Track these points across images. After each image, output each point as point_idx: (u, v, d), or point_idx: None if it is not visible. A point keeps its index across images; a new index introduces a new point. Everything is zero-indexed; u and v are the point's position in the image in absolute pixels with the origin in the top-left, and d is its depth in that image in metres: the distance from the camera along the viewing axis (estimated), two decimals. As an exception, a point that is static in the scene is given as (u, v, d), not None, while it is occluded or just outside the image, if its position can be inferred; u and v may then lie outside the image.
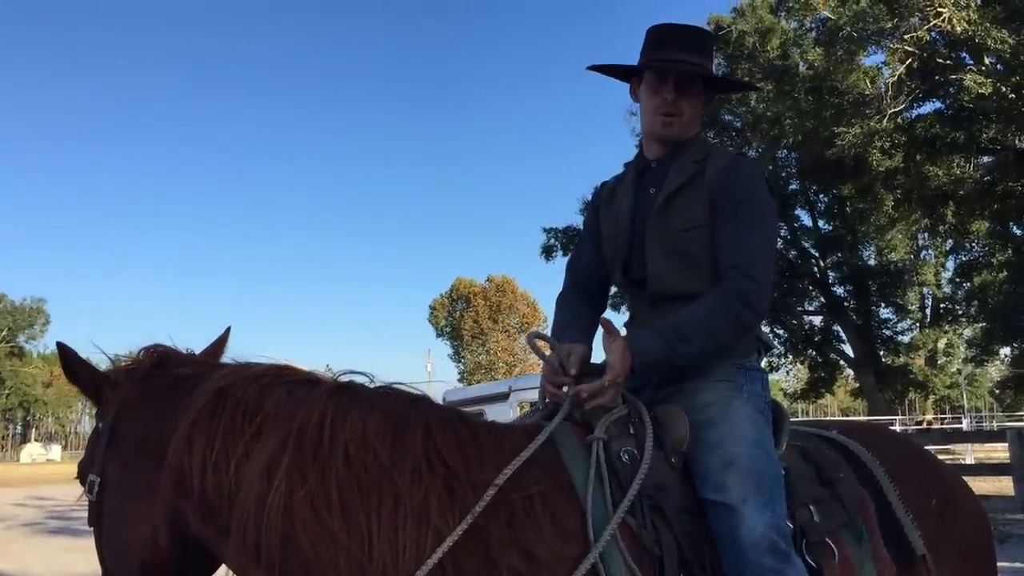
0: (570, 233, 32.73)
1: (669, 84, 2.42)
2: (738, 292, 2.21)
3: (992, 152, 24.69)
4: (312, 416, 1.93)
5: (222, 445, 1.92)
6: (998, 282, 27.94)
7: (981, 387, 54.43)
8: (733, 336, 2.24)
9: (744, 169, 2.40)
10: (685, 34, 2.50)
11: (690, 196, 2.36)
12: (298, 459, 1.89)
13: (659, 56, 2.44)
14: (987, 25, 21.15)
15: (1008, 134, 23.30)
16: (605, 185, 2.69)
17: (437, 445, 1.95)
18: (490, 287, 67.84)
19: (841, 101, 24.09)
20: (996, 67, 22.32)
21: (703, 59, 2.45)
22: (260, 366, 2.09)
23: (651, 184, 2.48)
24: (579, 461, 2.03)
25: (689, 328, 2.18)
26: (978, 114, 23.16)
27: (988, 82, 21.29)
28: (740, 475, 2.04)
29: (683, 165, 2.42)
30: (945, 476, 2.61)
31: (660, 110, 2.43)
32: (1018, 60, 21.16)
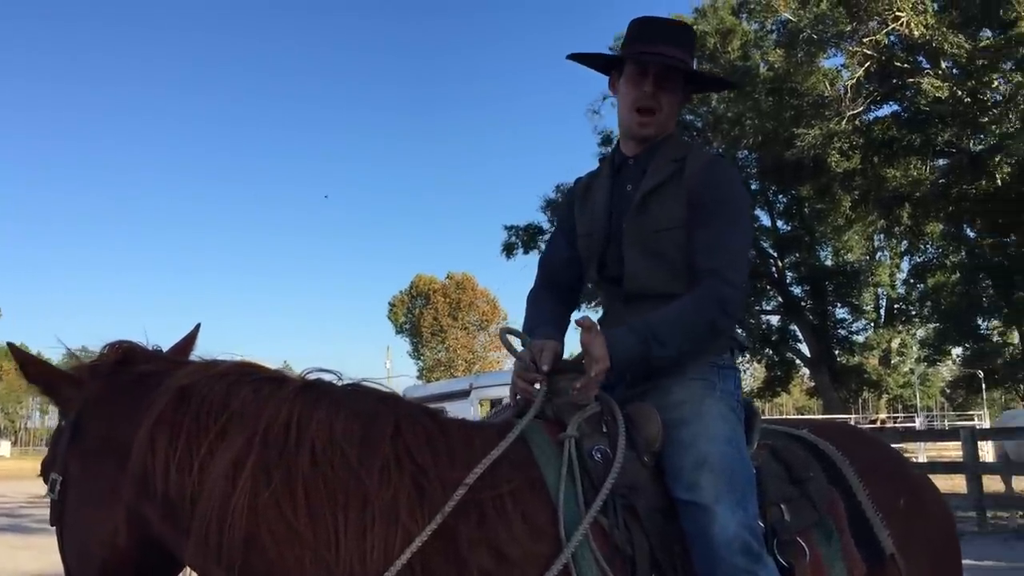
0: (531, 231, 32.80)
1: (649, 77, 2.38)
2: (715, 296, 2.19)
3: (947, 155, 25.12)
4: (278, 415, 1.89)
5: (186, 444, 1.87)
6: (951, 283, 28.46)
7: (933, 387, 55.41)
8: (708, 339, 2.23)
9: (722, 171, 2.38)
10: (667, 28, 2.47)
11: (668, 195, 2.33)
12: (264, 459, 1.84)
13: (640, 48, 2.41)
14: (944, 30, 21.53)
15: (963, 137, 23.74)
16: (580, 181, 2.65)
17: (406, 443, 1.91)
18: (450, 284, 67.72)
19: (801, 102, 24.38)
20: (952, 71, 22.71)
21: (685, 54, 2.42)
22: (225, 364, 2.04)
23: (628, 181, 2.44)
24: (551, 459, 1.99)
25: (665, 329, 2.16)
26: (934, 117, 23.55)
27: (945, 86, 21.66)
28: (713, 474, 2.02)
29: (661, 163, 2.39)
30: (913, 476, 2.61)
31: (639, 103, 2.40)
32: (973, 65, 21.56)
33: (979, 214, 25.86)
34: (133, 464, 1.88)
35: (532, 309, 2.55)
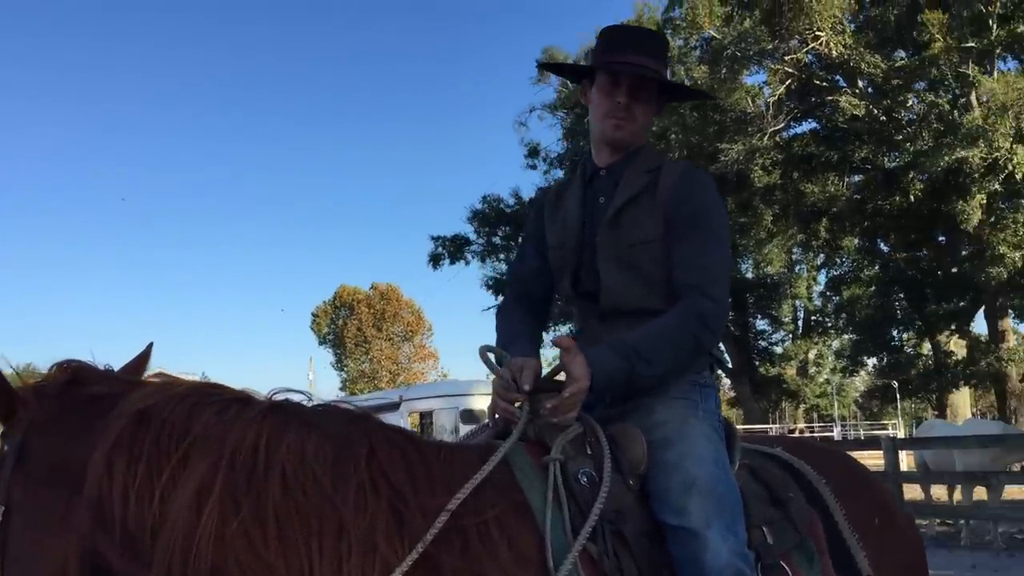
0: (457, 242, 32.74)
1: (622, 87, 2.32)
2: (698, 313, 2.14)
3: (863, 172, 25.92)
4: (245, 438, 1.76)
5: (146, 471, 1.73)
6: (866, 296, 29.28)
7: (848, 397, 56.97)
8: (692, 357, 2.18)
9: (699, 182, 2.32)
10: (640, 37, 2.42)
11: (642, 208, 2.27)
12: (231, 485, 1.72)
13: (613, 58, 2.34)
14: (861, 50, 22.23)
15: (879, 155, 24.53)
16: (549, 190, 2.58)
17: (383, 467, 1.81)
18: (374, 295, 67.07)
19: (724, 118, 24.86)
20: (868, 91, 23.45)
21: (658, 64, 2.36)
22: (186, 384, 1.91)
23: (600, 192, 2.38)
24: (536, 483, 1.91)
25: (648, 347, 2.10)
26: (851, 135, 24.27)
27: (861, 104, 22.36)
28: (702, 498, 1.96)
29: (634, 175, 2.33)
30: (884, 493, 2.61)
31: (612, 114, 2.34)
32: (889, 84, 22.29)
33: (893, 229, 26.74)
34: (88, 491, 1.73)
35: (504, 323, 2.47)
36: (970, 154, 19.81)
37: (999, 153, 19.51)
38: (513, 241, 31.85)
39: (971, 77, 20.64)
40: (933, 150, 20.69)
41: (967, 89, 21.19)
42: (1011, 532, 11.67)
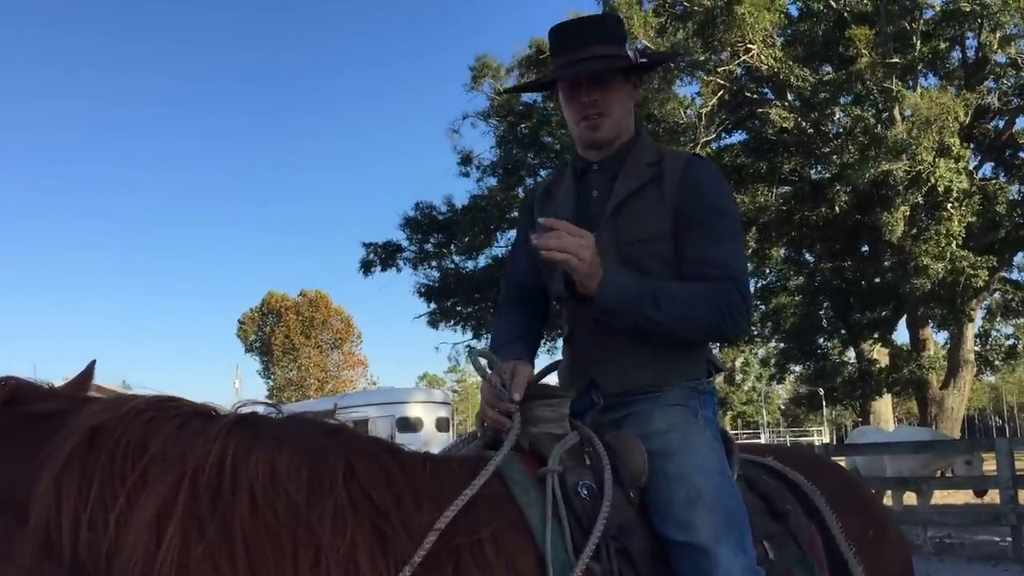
0: (390, 248, 32.34)
1: (584, 86, 2.21)
2: (729, 299, 2.04)
3: (790, 183, 26.38)
4: (209, 455, 1.60)
5: (99, 494, 1.56)
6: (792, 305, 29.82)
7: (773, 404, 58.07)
8: (704, 334, 2.09)
9: (709, 174, 2.22)
10: (588, 26, 2.29)
11: (646, 203, 2.16)
12: (194, 507, 1.55)
13: (565, 60, 2.23)
14: (790, 63, 22.63)
15: (806, 166, 25.00)
16: (538, 187, 2.46)
17: (362, 483, 1.66)
18: (303, 301, 66.10)
19: (657, 128, 25.06)
20: (796, 103, 23.89)
21: (614, 47, 2.24)
22: (142, 398, 1.73)
23: (594, 187, 2.26)
24: (532, 497, 1.78)
25: (667, 298, 2.00)
26: (779, 146, 24.68)
27: (791, 117, 22.75)
28: (708, 511, 1.85)
29: (634, 168, 2.22)
30: (876, 505, 2.55)
31: (582, 115, 2.23)
32: (817, 97, 22.74)
33: (819, 240, 27.28)
34: (35, 519, 1.54)
35: (497, 327, 2.34)
36: (894, 167, 20.31)
37: (922, 167, 20.02)
38: (445, 249, 31.65)
39: (895, 92, 21.18)
40: (859, 163, 21.13)
41: (891, 103, 21.73)
42: (940, 536, 11.91)
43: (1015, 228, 22.12)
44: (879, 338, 25.37)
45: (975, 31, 22.27)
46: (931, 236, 20.72)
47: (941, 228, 20.65)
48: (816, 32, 23.83)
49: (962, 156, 20.47)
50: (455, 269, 31.02)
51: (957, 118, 20.00)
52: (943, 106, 19.77)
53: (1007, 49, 22.24)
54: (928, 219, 22.09)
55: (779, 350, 31.69)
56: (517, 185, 30.21)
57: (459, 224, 29.71)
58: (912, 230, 22.05)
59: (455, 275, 30.56)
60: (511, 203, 29.27)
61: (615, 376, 2.10)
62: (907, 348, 25.20)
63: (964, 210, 20.78)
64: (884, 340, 25.44)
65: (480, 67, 31.06)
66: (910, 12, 22.03)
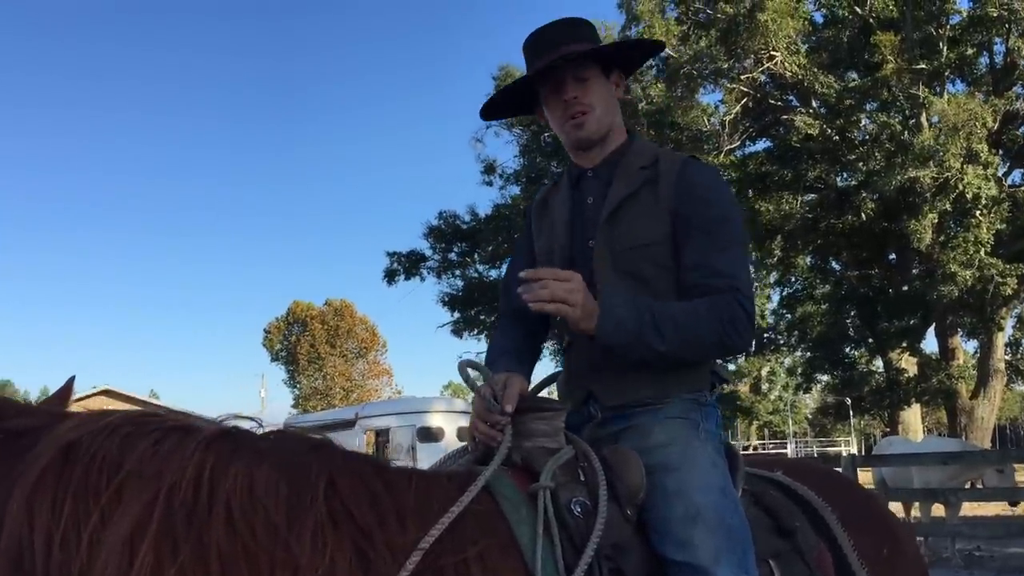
0: (413, 257, 32.42)
1: (564, 84, 2.14)
2: (732, 313, 1.97)
3: (816, 190, 26.16)
4: (186, 471, 1.54)
5: (72, 512, 1.50)
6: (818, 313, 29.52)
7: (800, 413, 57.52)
8: (710, 354, 2.02)
9: (709, 177, 2.14)
10: (559, 29, 2.21)
11: (642, 207, 2.09)
12: (169, 525, 1.50)
13: (541, 63, 2.15)
14: (815, 70, 22.45)
15: (832, 174, 24.78)
16: (536, 196, 2.40)
17: (344, 500, 1.60)
18: (328, 311, 66.36)
19: (680, 136, 24.93)
20: (821, 110, 23.69)
21: (586, 45, 2.17)
22: (119, 414, 1.66)
23: (589, 194, 2.19)
24: (523, 514, 1.71)
25: (669, 324, 1.92)
26: (804, 154, 24.47)
27: (816, 124, 22.55)
28: (708, 530, 1.77)
29: (627, 173, 2.14)
30: (892, 522, 2.44)
31: (567, 115, 2.16)
32: (842, 104, 22.53)
33: (845, 247, 27.01)
34: (6, 539, 1.49)
35: (495, 339, 2.27)
36: (921, 174, 20.05)
37: (950, 173, 19.77)
38: (469, 258, 31.65)
39: (922, 98, 20.94)
40: (885, 170, 20.90)
41: (918, 110, 21.49)
42: (969, 549, 11.69)
43: (1046, 235, 21.77)
44: (907, 347, 25.03)
45: (1003, 36, 21.98)
46: (959, 243, 20.45)
47: (969, 235, 20.37)
48: (841, 38, 23.63)
49: (991, 163, 20.18)
50: (479, 278, 31.02)
51: (985, 124, 19.74)
52: (971, 112, 19.52)
53: (1036, 54, 21.92)
54: (956, 226, 21.82)
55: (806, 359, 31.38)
56: (540, 194, 30.19)
57: (482, 233, 29.73)
58: (940, 237, 21.77)
59: (479, 284, 30.56)
60: (534, 212, 29.27)
61: (613, 388, 2.02)
62: (936, 357, 24.85)
63: (993, 217, 20.49)
64: (912, 349, 25.09)
65: (503, 76, 31.07)
66: (936, 18, 21.80)
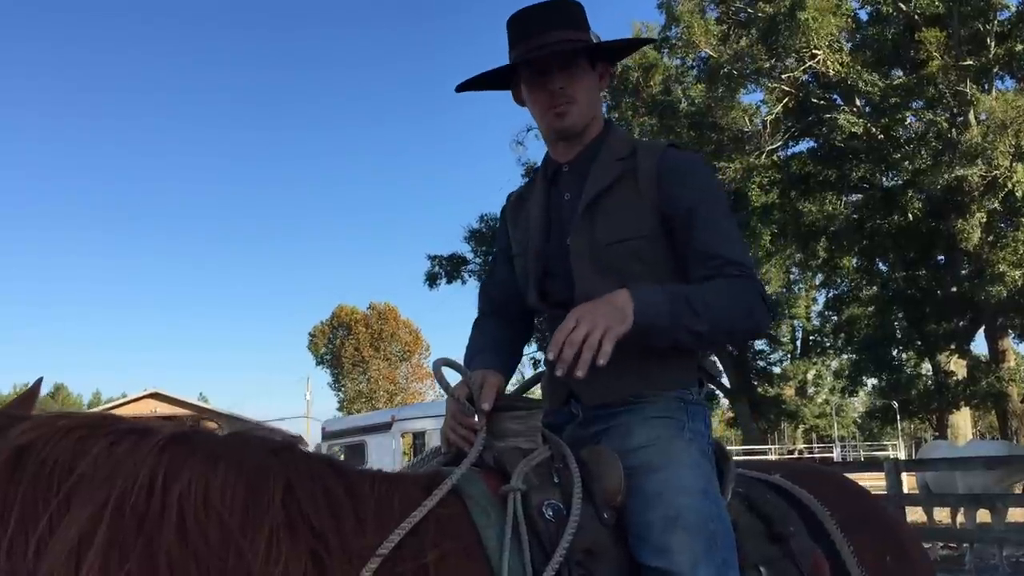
0: (455, 261, 32.53)
1: (550, 73, 2.07)
2: (753, 295, 1.92)
3: (861, 190, 25.75)
4: (138, 476, 1.49)
5: (20, 519, 1.45)
6: (864, 315, 29.05)
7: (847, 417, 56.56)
8: (739, 337, 1.98)
9: (694, 164, 2.08)
10: (548, 12, 2.12)
11: (620, 202, 2.02)
12: (118, 532, 1.45)
13: (529, 46, 2.09)
14: (858, 68, 22.12)
15: (877, 173, 24.37)
16: (512, 195, 2.33)
17: (301, 505, 1.55)
18: (372, 314, 66.81)
19: (721, 137, 24.73)
20: (865, 109, 23.34)
21: (578, 32, 2.10)
22: (76, 416, 1.61)
23: (566, 189, 2.13)
24: (492, 518, 1.65)
25: (702, 305, 1.84)
26: (848, 153, 24.11)
27: (860, 122, 22.22)
28: (688, 534, 1.70)
29: (604, 165, 2.08)
30: (898, 529, 2.33)
31: (550, 105, 2.09)
32: (887, 103, 22.17)
33: (891, 248, 26.53)
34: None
35: (473, 338, 2.21)
36: (969, 172, 19.67)
37: (998, 171, 19.36)
38: (510, 260, 31.65)
39: (969, 95, 20.53)
40: (932, 168, 20.54)
41: (965, 107, 21.08)
42: (1016, 556, 11.38)
43: (1099, 234, 21.19)
44: (956, 349, 24.52)
45: (1054, 31, 21.46)
46: (1009, 243, 20.01)
47: (1019, 234, 19.93)
48: (885, 36, 23.25)
49: (1041, 160, 19.72)
50: (519, 281, 30.97)
51: (1035, 121, 19.27)
52: (1020, 109, 19.08)
53: (1088, 49, 21.37)
54: (1005, 225, 21.35)
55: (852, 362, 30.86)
56: (580, 196, 30.08)
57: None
58: (989, 237, 21.31)
59: (519, 287, 30.52)
60: (575, 214, 29.17)
61: (594, 386, 1.93)
62: (986, 359, 24.29)
63: (1045, 216, 20.01)
64: (961, 351, 24.57)
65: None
66: (984, 13, 21.33)
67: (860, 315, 29.64)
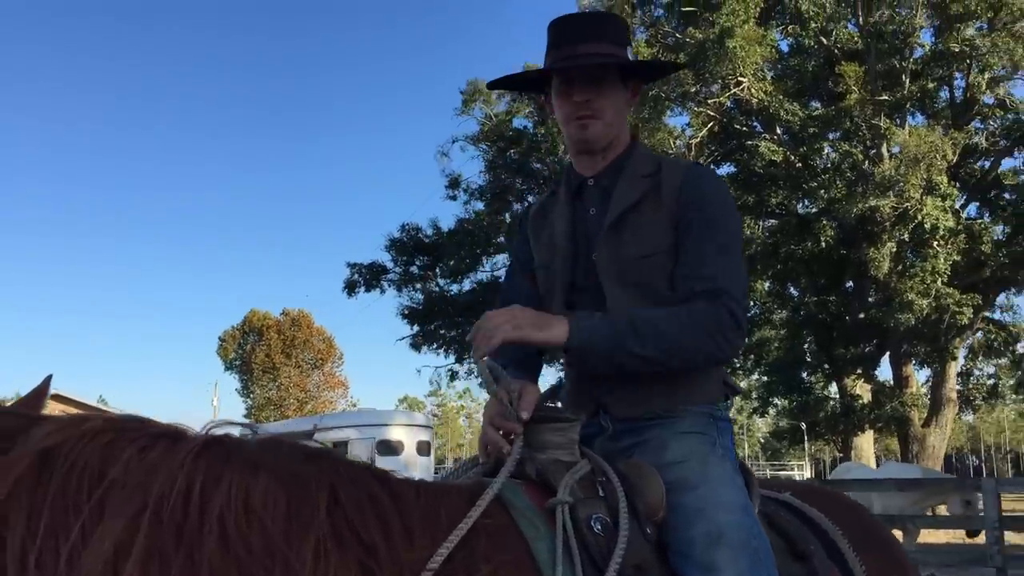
0: (375, 269, 32.20)
1: (578, 84, 2.09)
2: (717, 317, 1.90)
3: (777, 216, 26.43)
4: (175, 482, 1.42)
5: (49, 526, 1.36)
6: (775, 338, 29.79)
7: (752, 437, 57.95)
8: (693, 362, 1.93)
9: (710, 183, 2.10)
10: (590, 23, 2.15)
11: (646, 217, 2.04)
12: (157, 541, 1.37)
13: (560, 54, 2.10)
14: (780, 98, 22.73)
15: (793, 200, 25.06)
16: (532, 207, 2.33)
17: (348, 514, 1.49)
18: (285, 320, 65.69)
19: (646, 157, 25.06)
20: (785, 137, 24.00)
21: (614, 47, 2.11)
22: (100, 419, 1.52)
23: (591, 204, 2.13)
24: (540, 530, 1.62)
25: (649, 328, 1.85)
26: (767, 180, 24.73)
27: (780, 150, 22.83)
28: (733, 551, 1.70)
29: (631, 181, 2.09)
30: (897, 545, 2.40)
31: (574, 115, 2.11)
32: (806, 132, 22.84)
33: (804, 274, 27.30)
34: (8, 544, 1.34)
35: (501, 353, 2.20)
36: (881, 203, 20.37)
37: (909, 204, 20.10)
38: (430, 271, 31.47)
39: (883, 129, 21.30)
40: (846, 198, 21.19)
41: (879, 140, 21.85)
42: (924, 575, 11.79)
43: (999, 268, 22.19)
44: (862, 374, 25.34)
45: (964, 72, 22.45)
46: (917, 272, 20.75)
47: (927, 265, 20.69)
48: (806, 67, 23.99)
49: (949, 194, 20.56)
50: (439, 292, 30.85)
51: (945, 156, 20.10)
52: (931, 144, 19.87)
53: (995, 90, 22.42)
54: (914, 256, 22.15)
55: (762, 383, 31.61)
56: (504, 210, 30.14)
57: (445, 247, 29.60)
58: (898, 266, 22.09)
59: (439, 298, 30.39)
60: (498, 228, 29.18)
61: (625, 399, 1.96)
62: (890, 385, 25.17)
63: (950, 248, 20.84)
64: (867, 376, 25.40)
65: (471, 91, 31.09)
66: (900, 51, 22.20)
67: (771, 338, 30.38)
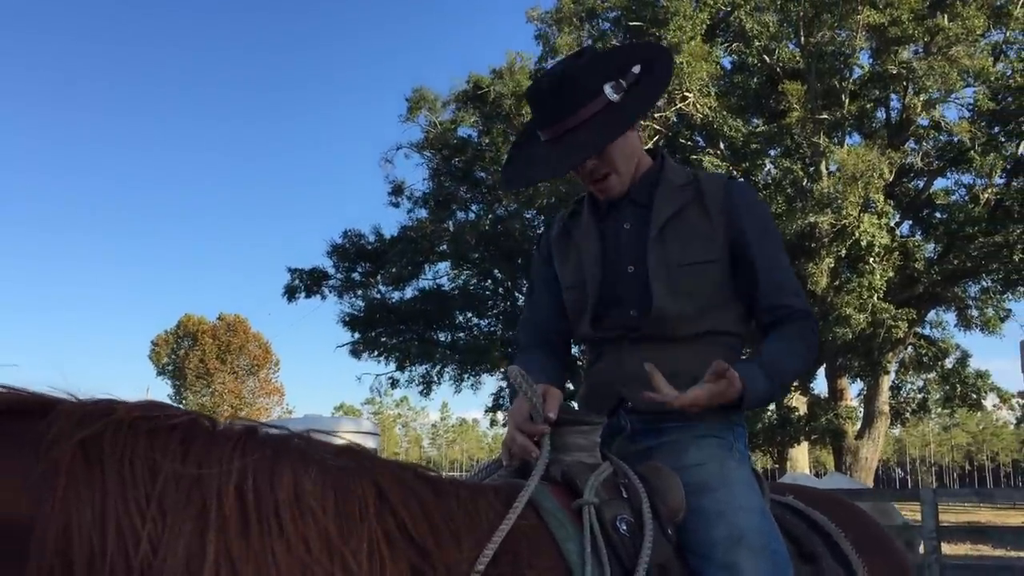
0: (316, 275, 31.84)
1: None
2: (813, 337, 2.06)
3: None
4: (230, 476, 1.34)
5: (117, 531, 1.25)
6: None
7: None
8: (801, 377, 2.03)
9: (753, 193, 2.21)
10: (562, 93, 2.01)
11: (689, 226, 2.07)
12: (223, 544, 1.29)
13: (550, 134, 2.06)
14: (724, 113, 23.13)
15: (735, 215, 25.52)
16: (551, 228, 2.33)
17: (397, 513, 1.45)
18: (220, 326, 64.59)
19: (591, 169, 25.24)
20: (727, 153, 24.41)
21: (596, 102, 2.00)
22: (125, 404, 1.39)
23: (625, 219, 2.15)
24: (569, 531, 1.62)
25: (789, 376, 2.02)
26: (710, 194, 25.14)
27: (723, 165, 23.19)
28: (753, 554, 1.72)
29: (668, 191, 2.12)
30: (898, 549, 2.44)
31: (588, 181, 2.15)
32: (748, 148, 23.26)
33: (743, 287, 27.82)
34: (40, 557, 1.21)
35: (524, 363, 2.16)
36: (820, 220, 20.83)
37: (847, 221, 20.58)
38: (372, 278, 31.23)
39: (823, 147, 21.80)
40: (786, 214, 21.61)
41: (819, 158, 22.36)
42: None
43: (931, 285, 22.85)
44: (798, 386, 25.82)
45: (900, 93, 23.10)
46: (854, 288, 21.23)
47: (864, 281, 21.19)
48: (749, 84, 24.44)
49: (885, 212, 21.11)
50: (381, 299, 30.61)
51: (882, 175, 20.65)
52: (869, 163, 20.39)
53: (930, 112, 23.11)
54: (851, 272, 22.67)
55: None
56: (448, 218, 30.09)
57: (387, 254, 29.40)
58: (836, 282, 22.58)
59: (381, 305, 30.15)
60: (441, 235, 29.10)
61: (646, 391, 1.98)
62: (825, 397, 25.69)
63: (885, 265, 21.39)
64: (803, 388, 25.90)
65: (417, 98, 30.98)
66: (839, 71, 22.76)
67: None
